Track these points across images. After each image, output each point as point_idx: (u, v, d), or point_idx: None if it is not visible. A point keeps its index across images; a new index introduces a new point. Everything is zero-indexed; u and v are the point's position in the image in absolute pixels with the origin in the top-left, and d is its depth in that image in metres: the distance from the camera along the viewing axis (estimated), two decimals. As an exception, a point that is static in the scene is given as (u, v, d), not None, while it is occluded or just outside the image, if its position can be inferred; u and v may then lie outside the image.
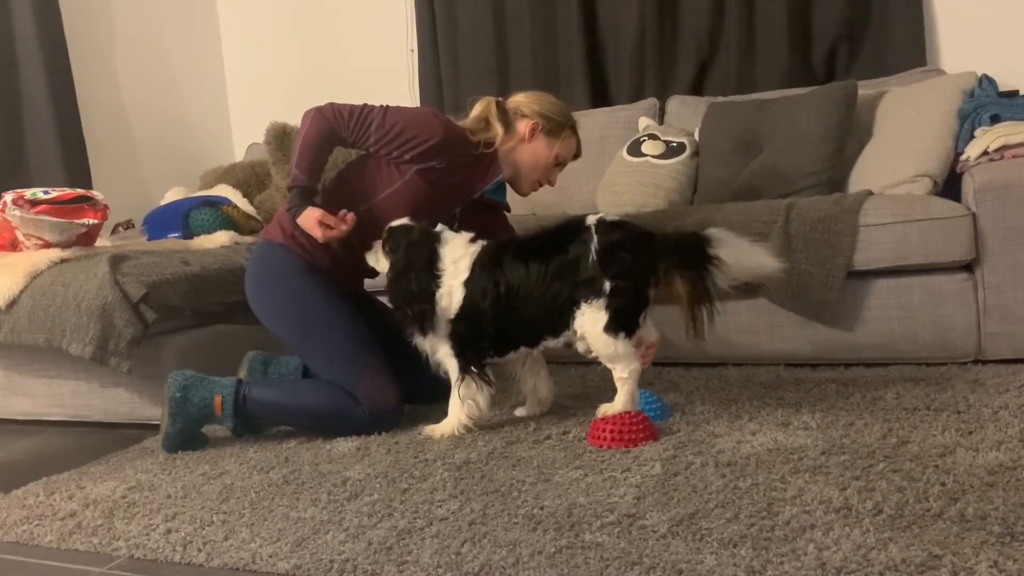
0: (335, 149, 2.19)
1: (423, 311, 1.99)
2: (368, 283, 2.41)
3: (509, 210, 2.47)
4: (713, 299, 1.86)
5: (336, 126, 2.09)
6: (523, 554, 1.33)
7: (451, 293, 1.99)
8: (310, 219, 2.07)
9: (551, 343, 2.00)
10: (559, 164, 2.28)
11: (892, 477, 1.50)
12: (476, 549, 1.36)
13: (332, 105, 2.11)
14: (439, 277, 1.99)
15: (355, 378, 2.07)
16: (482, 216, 2.33)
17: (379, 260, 2.11)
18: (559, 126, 2.22)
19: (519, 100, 2.24)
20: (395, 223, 2.08)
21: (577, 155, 2.33)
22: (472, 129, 2.19)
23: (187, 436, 2.10)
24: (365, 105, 2.12)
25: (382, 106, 2.12)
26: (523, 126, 2.21)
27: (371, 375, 2.08)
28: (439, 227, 2.08)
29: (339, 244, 2.12)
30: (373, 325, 2.20)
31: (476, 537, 1.41)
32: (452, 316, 1.99)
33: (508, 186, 2.34)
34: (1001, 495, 1.37)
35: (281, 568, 1.38)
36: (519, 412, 2.15)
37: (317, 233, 2.06)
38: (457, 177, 2.16)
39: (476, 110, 2.23)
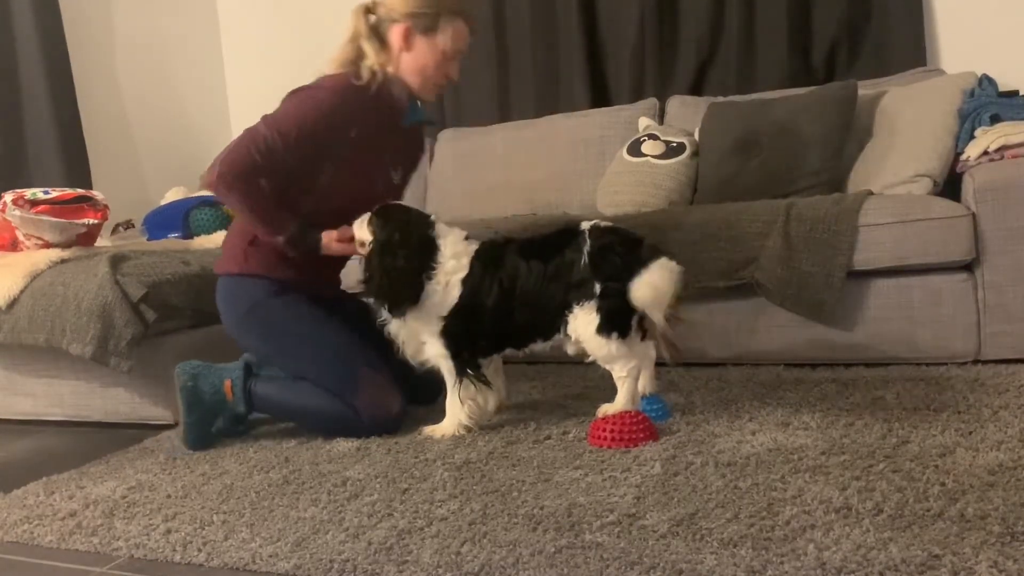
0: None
1: (400, 290, 1.96)
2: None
3: (434, 123, 2.30)
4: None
5: (253, 179, 1.97)
6: (523, 554, 1.33)
7: (446, 289, 1.97)
8: (335, 247, 2.05)
9: (539, 346, 2.01)
10: (452, 58, 2.11)
11: (892, 477, 1.50)
12: (476, 549, 1.36)
13: (226, 165, 1.96)
14: (434, 268, 1.97)
15: (352, 391, 2.03)
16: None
17: (363, 232, 2.04)
18: (434, 17, 2.04)
19: (386, 5, 2.07)
20: (391, 203, 2.07)
21: (473, 30, 2.14)
22: (349, 61, 2.06)
23: (205, 426, 2.10)
24: (250, 137, 1.97)
25: (263, 125, 1.99)
26: (395, 35, 2.05)
27: (368, 385, 2.04)
28: (433, 217, 2.05)
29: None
30: (362, 329, 2.15)
31: (476, 537, 1.41)
32: (445, 312, 1.98)
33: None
34: (1001, 495, 1.37)
35: (281, 568, 1.38)
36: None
37: (351, 251, 2.06)
38: (372, 127, 2.08)
39: (345, 35, 2.09)
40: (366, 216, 2.05)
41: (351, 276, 2.27)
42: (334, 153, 2.07)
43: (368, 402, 2.03)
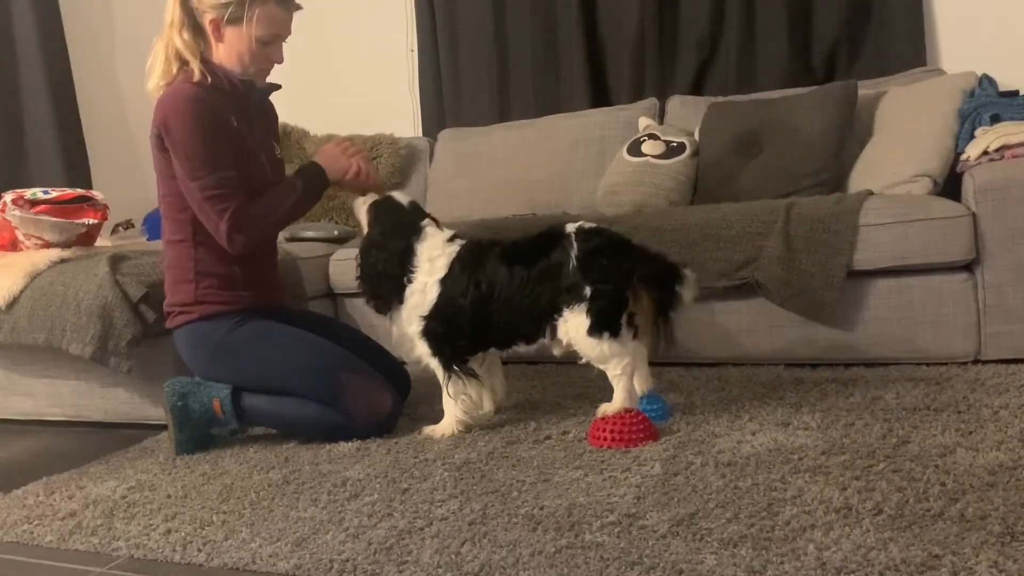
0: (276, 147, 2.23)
1: (379, 291, 2.04)
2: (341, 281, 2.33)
3: (279, 86, 2.27)
4: (671, 325, 1.91)
5: (247, 214, 2.00)
6: (523, 554, 1.33)
7: (424, 290, 2.00)
8: (333, 157, 2.12)
9: (523, 348, 2.02)
10: (269, 43, 2.07)
11: (892, 477, 1.50)
12: (476, 549, 1.36)
13: (232, 234, 1.98)
14: (412, 272, 2.01)
15: (338, 399, 2.01)
16: None
17: (362, 215, 2.11)
18: (239, 6, 1.99)
19: None
20: (393, 195, 2.11)
21: (290, 8, 2.09)
22: (179, 62, 2.04)
23: (198, 439, 2.10)
24: (206, 199, 1.98)
25: (200, 181, 1.97)
26: (208, 26, 2.03)
27: (352, 390, 2.02)
28: (425, 221, 2.07)
29: (240, 267, 2.08)
30: (330, 333, 2.15)
31: (476, 537, 1.41)
32: (425, 313, 2.00)
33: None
34: (1001, 495, 1.37)
35: (281, 568, 1.38)
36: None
37: (350, 161, 2.11)
38: (238, 111, 2.08)
39: (165, 20, 2.04)
40: (369, 198, 2.12)
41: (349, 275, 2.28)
42: (239, 147, 2.06)
43: (357, 406, 2.02)
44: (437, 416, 2.07)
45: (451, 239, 2.05)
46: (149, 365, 2.34)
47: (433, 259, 2.01)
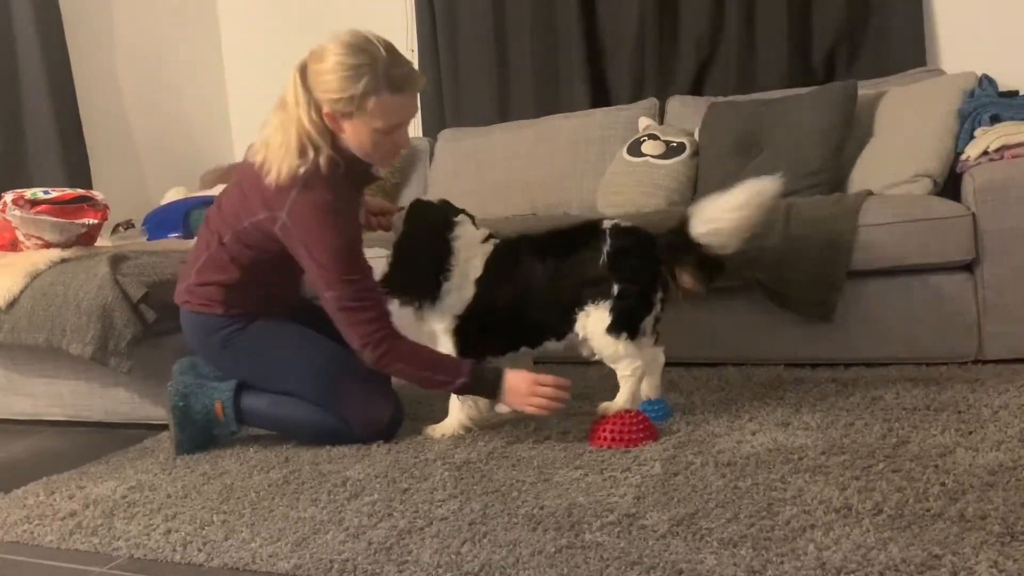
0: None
1: (412, 287, 2.01)
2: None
3: (381, 177, 2.21)
4: (720, 268, 1.91)
5: (396, 342, 1.88)
6: (523, 554, 1.33)
7: (460, 290, 1.99)
8: (522, 394, 1.85)
9: (552, 346, 2.02)
10: (389, 132, 1.91)
11: (892, 477, 1.50)
12: (476, 549, 1.36)
13: (372, 353, 1.87)
14: (449, 271, 1.99)
15: (337, 405, 2.00)
16: None
17: (398, 232, 2.10)
18: (348, 101, 1.84)
19: (311, 78, 1.88)
20: (422, 199, 2.12)
21: (416, 86, 1.93)
22: (314, 146, 1.88)
23: (199, 439, 2.10)
24: (355, 310, 1.88)
25: (352, 285, 1.87)
26: (327, 118, 1.89)
27: (355, 397, 2.00)
28: (459, 217, 2.07)
29: (264, 293, 2.06)
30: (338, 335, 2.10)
31: (476, 537, 1.41)
32: (459, 311, 1.99)
33: None
34: (1001, 495, 1.37)
35: (281, 568, 1.38)
36: (500, 409, 2.10)
37: (531, 407, 1.86)
38: (357, 198, 2.04)
39: (287, 96, 1.91)
40: (401, 214, 2.11)
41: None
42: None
43: (357, 413, 2.01)
44: (437, 416, 2.07)
45: (486, 239, 2.05)
46: (149, 365, 2.34)
47: (469, 259, 2.01)
